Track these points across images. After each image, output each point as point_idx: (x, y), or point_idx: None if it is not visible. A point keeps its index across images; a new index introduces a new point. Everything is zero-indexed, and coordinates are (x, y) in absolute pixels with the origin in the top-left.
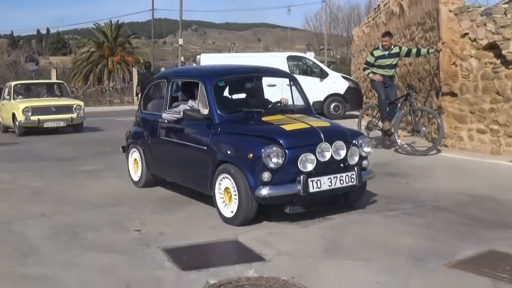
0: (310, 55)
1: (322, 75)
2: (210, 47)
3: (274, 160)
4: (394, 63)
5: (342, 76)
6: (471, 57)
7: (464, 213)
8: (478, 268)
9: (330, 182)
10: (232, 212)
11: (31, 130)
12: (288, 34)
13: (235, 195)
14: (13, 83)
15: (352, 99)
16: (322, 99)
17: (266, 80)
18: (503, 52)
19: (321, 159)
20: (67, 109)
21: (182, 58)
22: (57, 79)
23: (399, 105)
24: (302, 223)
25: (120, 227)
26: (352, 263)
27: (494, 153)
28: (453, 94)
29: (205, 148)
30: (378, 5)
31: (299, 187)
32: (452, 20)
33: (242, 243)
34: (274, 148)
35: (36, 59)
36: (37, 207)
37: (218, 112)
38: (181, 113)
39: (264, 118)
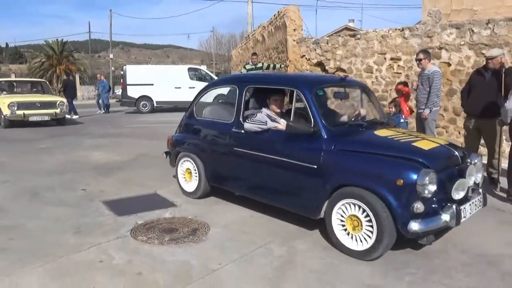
0: (204, 68)
1: (212, 81)
2: (133, 61)
3: (430, 187)
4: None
5: None
6: (307, 70)
7: None
8: None
9: (471, 209)
10: (361, 243)
11: (17, 123)
12: (188, 53)
13: (369, 225)
14: None
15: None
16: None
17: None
18: (326, 67)
19: (470, 183)
20: (51, 104)
21: (113, 68)
22: None
23: None
24: None
25: (71, 188)
26: (234, 205)
27: None
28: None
29: (315, 167)
30: (248, 35)
31: (450, 217)
32: (295, 46)
33: (160, 195)
34: (431, 174)
35: None
36: (2, 176)
37: (325, 125)
38: (284, 125)
39: (378, 133)
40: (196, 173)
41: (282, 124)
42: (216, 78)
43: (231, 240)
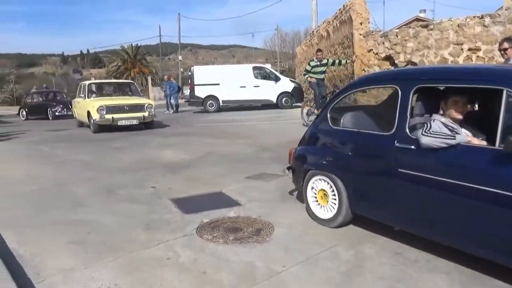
0: (268, 66)
1: (276, 79)
2: (200, 62)
3: None
4: (324, 70)
5: (290, 80)
6: (375, 65)
7: None
8: None
9: None
10: None
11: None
12: (252, 52)
13: None
14: (87, 82)
15: (296, 95)
16: (277, 95)
17: None
18: (396, 61)
19: None
20: (139, 107)
21: (181, 69)
22: None
23: (327, 98)
24: (265, 179)
25: (141, 186)
26: (301, 205)
27: None
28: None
29: None
30: (312, 31)
31: None
32: (362, 40)
33: (225, 194)
34: None
35: (80, 71)
36: (86, 174)
37: None
38: (478, 139)
39: None
40: (334, 197)
41: (477, 139)
42: (280, 76)
43: (296, 241)
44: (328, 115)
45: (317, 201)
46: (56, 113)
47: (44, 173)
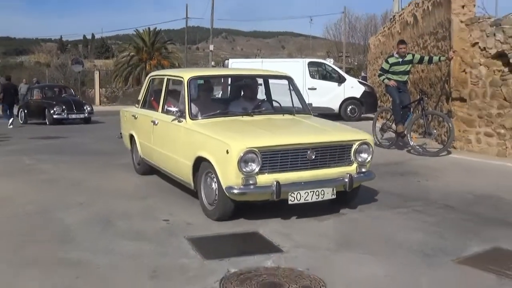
0: (330, 62)
1: (340, 80)
2: (238, 53)
3: None
4: (408, 69)
5: (359, 81)
6: (481, 65)
7: (472, 211)
8: (484, 264)
9: None
10: None
11: None
12: (310, 42)
13: None
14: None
15: (367, 102)
16: (340, 102)
17: None
18: (511, 60)
19: None
20: None
21: (213, 63)
22: (99, 80)
23: (412, 109)
24: (319, 217)
25: (151, 217)
26: (363, 256)
27: (500, 155)
28: (463, 100)
29: None
30: (394, 16)
31: None
32: (463, 30)
33: (261, 235)
34: None
35: (81, 62)
36: (77, 197)
37: None
38: None
39: None
40: None
41: None
42: (345, 75)
43: None
44: None
45: None
46: (54, 116)
47: (26, 194)
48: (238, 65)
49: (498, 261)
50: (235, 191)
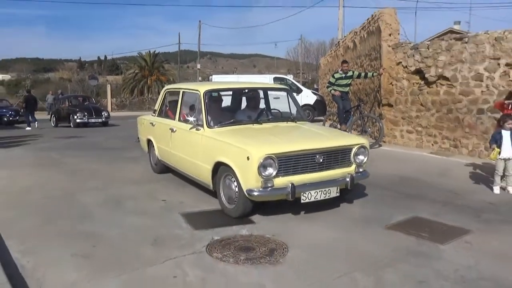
0: (290, 77)
1: (298, 91)
2: (220, 70)
3: None
4: (349, 83)
5: (312, 92)
6: (403, 79)
7: (397, 189)
8: (406, 229)
9: None
10: None
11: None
12: (274, 62)
13: None
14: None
15: (319, 108)
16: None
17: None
18: (426, 75)
19: None
20: None
21: (200, 78)
22: (111, 92)
23: (352, 112)
24: None
25: (152, 198)
26: (316, 223)
27: (418, 147)
28: (390, 105)
29: None
30: (338, 42)
31: None
32: (390, 52)
33: None
34: None
35: (96, 77)
36: (93, 183)
37: None
38: None
39: None
40: None
41: None
42: (302, 87)
43: (311, 264)
44: None
45: None
46: (77, 120)
47: (54, 181)
48: (220, 79)
49: (416, 227)
50: (255, 193)
